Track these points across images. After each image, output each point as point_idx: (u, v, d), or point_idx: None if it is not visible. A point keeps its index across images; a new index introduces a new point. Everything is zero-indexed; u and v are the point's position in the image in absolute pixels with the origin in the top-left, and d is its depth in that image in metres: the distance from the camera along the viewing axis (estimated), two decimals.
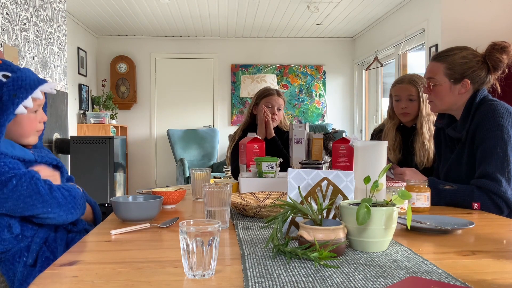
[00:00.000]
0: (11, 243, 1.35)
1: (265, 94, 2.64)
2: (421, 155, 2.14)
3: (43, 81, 1.46)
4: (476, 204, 1.58)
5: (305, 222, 1.01)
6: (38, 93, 1.43)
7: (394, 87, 2.26)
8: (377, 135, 2.43)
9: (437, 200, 1.64)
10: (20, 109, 1.39)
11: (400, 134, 2.28)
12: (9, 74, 1.41)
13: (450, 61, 1.73)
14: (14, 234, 1.35)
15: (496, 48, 1.69)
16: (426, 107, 2.16)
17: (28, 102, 1.40)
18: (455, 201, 1.63)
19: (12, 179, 1.30)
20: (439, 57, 1.78)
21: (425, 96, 2.14)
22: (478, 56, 1.73)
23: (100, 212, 1.64)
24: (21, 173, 1.33)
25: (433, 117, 2.15)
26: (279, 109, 2.62)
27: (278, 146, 2.51)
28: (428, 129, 2.15)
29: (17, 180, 1.31)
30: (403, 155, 2.24)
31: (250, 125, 2.70)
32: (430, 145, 2.13)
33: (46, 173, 1.47)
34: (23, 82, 1.41)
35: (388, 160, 2.09)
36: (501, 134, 1.60)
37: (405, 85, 2.21)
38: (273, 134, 2.55)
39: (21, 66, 1.87)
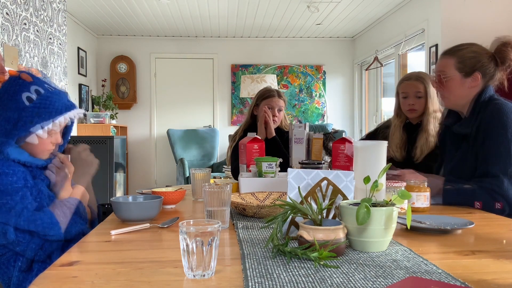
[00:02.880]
0: (6, 247, 1.35)
1: (265, 95, 2.64)
2: (422, 150, 2.15)
3: (65, 110, 1.43)
4: (478, 203, 1.58)
5: (305, 222, 1.01)
6: (55, 126, 1.42)
7: (402, 84, 2.27)
8: (382, 130, 2.43)
9: (449, 198, 1.65)
10: (32, 139, 1.38)
11: (406, 131, 2.29)
12: (34, 98, 1.39)
13: (461, 55, 1.76)
14: (9, 241, 1.34)
15: (503, 43, 1.73)
16: (433, 104, 2.18)
17: (43, 133, 1.40)
18: (459, 200, 1.63)
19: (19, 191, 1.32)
20: (449, 52, 1.80)
21: (432, 92, 2.16)
22: (488, 51, 1.77)
23: (98, 215, 1.64)
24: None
25: (439, 114, 2.16)
26: (279, 111, 2.62)
27: (279, 145, 2.51)
28: (433, 126, 2.16)
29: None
30: (407, 152, 2.26)
31: (250, 125, 2.70)
32: (433, 142, 2.14)
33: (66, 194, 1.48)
34: (44, 111, 1.38)
35: (390, 160, 2.09)
36: (505, 133, 1.62)
37: (412, 82, 2.22)
38: (274, 134, 2.55)
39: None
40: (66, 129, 1.55)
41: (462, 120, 1.81)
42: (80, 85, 5.85)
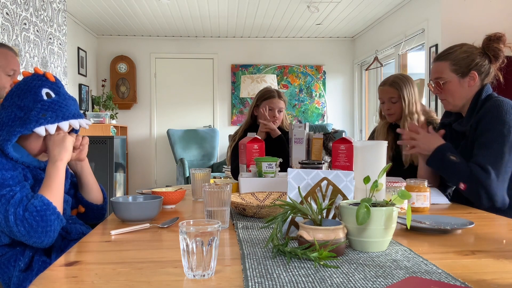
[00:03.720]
0: (5, 248, 1.35)
1: (266, 96, 2.64)
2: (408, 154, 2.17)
3: (77, 116, 1.47)
4: (463, 185, 1.62)
5: (305, 222, 1.01)
6: (65, 125, 1.43)
7: (378, 89, 2.36)
8: (372, 134, 2.50)
9: (435, 164, 1.71)
10: (40, 130, 1.38)
11: (393, 132, 2.33)
12: (53, 95, 1.43)
13: (453, 57, 1.78)
14: (2, 244, 1.33)
15: (492, 39, 1.75)
16: (409, 107, 2.22)
17: (52, 128, 1.40)
18: (448, 172, 1.68)
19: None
20: (441, 57, 1.83)
21: (407, 96, 2.22)
22: (478, 48, 1.79)
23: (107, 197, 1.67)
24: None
25: (417, 116, 2.20)
26: (280, 112, 2.62)
27: (283, 145, 2.51)
28: None
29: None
30: (396, 152, 2.28)
31: (251, 125, 2.70)
32: None
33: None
34: (59, 109, 1.42)
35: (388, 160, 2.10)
36: (501, 129, 1.64)
37: (386, 88, 2.29)
38: (279, 133, 2.55)
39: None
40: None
41: (461, 119, 1.83)
42: (80, 85, 5.85)
